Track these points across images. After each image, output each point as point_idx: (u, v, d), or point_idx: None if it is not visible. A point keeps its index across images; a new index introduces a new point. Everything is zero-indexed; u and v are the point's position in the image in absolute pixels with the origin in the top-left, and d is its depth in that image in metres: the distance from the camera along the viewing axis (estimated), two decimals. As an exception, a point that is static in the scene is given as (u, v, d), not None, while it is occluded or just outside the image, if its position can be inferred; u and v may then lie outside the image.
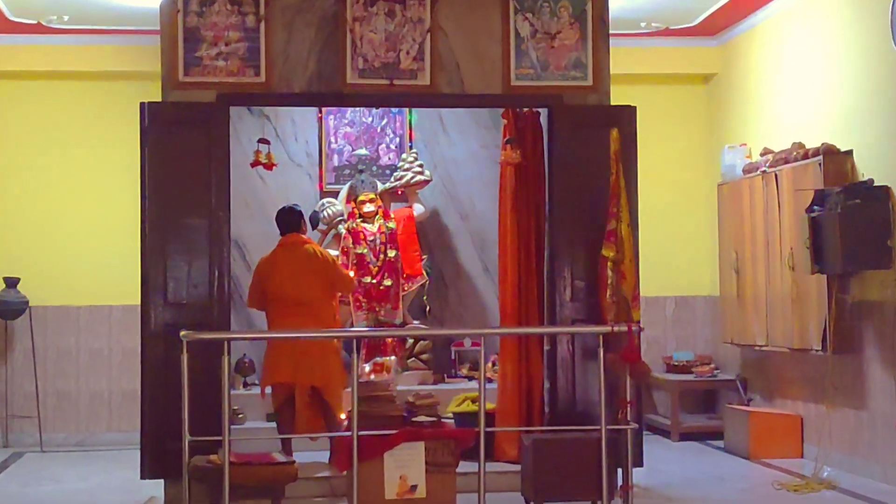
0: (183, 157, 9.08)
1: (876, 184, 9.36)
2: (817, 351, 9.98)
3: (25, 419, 12.11)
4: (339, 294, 10.20)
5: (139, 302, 9.15)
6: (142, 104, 9.22)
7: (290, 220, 9.78)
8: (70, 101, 12.43)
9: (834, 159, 9.89)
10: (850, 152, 9.88)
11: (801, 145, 10.45)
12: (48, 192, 12.36)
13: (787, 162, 10.52)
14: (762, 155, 11.21)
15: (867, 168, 9.64)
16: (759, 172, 11.04)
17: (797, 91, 11.00)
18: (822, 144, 10.06)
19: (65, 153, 12.40)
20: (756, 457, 10.78)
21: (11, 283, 11.88)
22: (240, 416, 10.74)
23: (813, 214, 9.64)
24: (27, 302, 11.94)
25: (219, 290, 9.12)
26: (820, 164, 9.90)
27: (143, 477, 9.06)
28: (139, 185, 9.17)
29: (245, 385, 11.40)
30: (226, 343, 8.11)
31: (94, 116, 12.36)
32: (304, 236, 9.79)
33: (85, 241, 12.32)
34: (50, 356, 12.26)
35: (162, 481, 9.02)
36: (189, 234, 9.11)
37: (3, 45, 11.96)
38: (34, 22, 11.48)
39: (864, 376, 9.72)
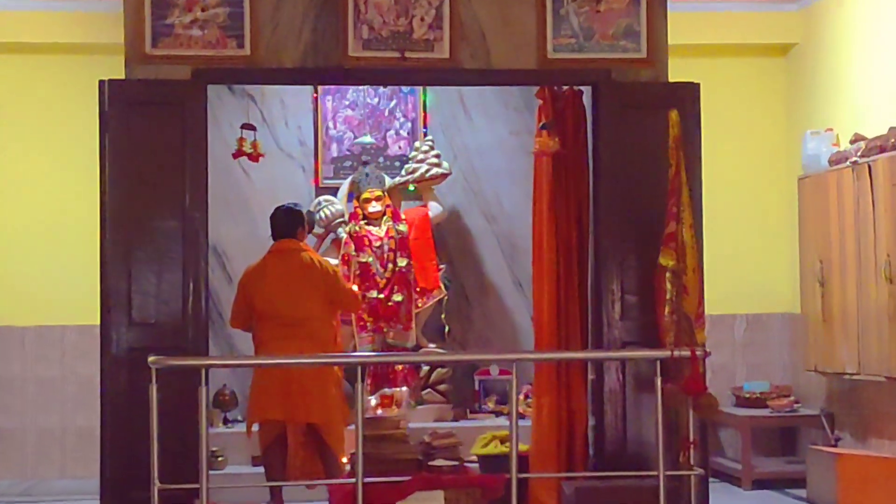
0: (151, 145, 9.12)
1: None
2: (921, 380, 9.97)
3: (-39, 462, 12.16)
4: (341, 312, 10.21)
5: (98, 322, 9.19)
6: (101, 82, 9.25)
7: (287, 222, 9.75)
8: (17, 78, 12.41)
9: (942, 148, 9.90)
10: (961, 139, 9.88)
11: (899, 130, 10.44)
12: (-11, 189, 12.41)
13: (883, 150, 10.49)
14: (852, 142, 11.18)
15: (981, 158, 9.64)
16: (848, 163, 11.00)
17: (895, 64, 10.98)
18: (927, 129, 10.06)
19: (10, 140, 12.37)
20: (846, 509, 10.76)
21: (-55, 299, 11.94)
22: (220, 459, 10.75)
23: (915, 214, 9.64)
24: (-36, 322, 12.00)
25: (194, 306, 9.14)
26: (924, 154, 9.91)
27: (103, 532, 9.09)
28: (98, 179, 9.20)
29: (226, 422, 11.42)
30: (203, 371, 8.14)
31: (44, 97, 12.35)
32: (301, 243, 9.77)
33: (33, 246, 12.28)
34: (-9, 386, 12.29)
35: (125, 538, 9.05)
36: (159, 240, 9.14)
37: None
38: (-25, -16, 11.54)
39: (978, 411, 9.71)
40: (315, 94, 12.28)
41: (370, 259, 11.57)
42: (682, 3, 10.90)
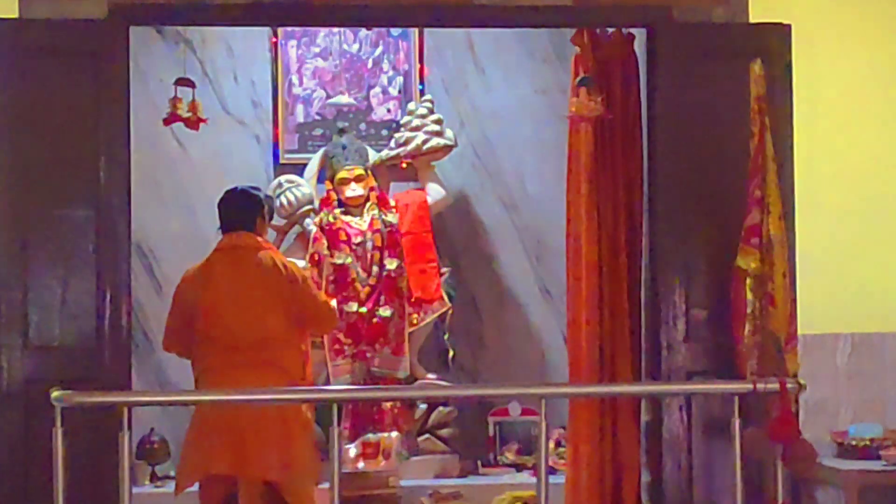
0: (54, 107, 9.14)
1: None
2: None
3: None
4: (312, 332, 10.20)
5: (-14, 343, 9.20)
6: (-10, 23, 9.28)
7: (242, 210, 9.64)
8: None
9: None
10: None
11: None
12: None
13: None
14: None
15: None
16: None
17: None
18: None
19: None
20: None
21: None
22: (146, 528, 10.78)
23: None
24: None
25: (112, 323, 9.17)
26: None
27: None
28: (-16, 154, 9.23)
29: (154, 479, 11.41)
30: (125, 410, 8.15)
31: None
32: (259, 238, 9.73)
33: None
34: None
35: None
36: (64, 234, 9.15)
37: None
38: None
39: None
40: (274, 39, 12.25)
41: (348, 260, 11.55)
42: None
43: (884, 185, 12.89)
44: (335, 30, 12.08)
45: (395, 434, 11.22)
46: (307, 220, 11.74)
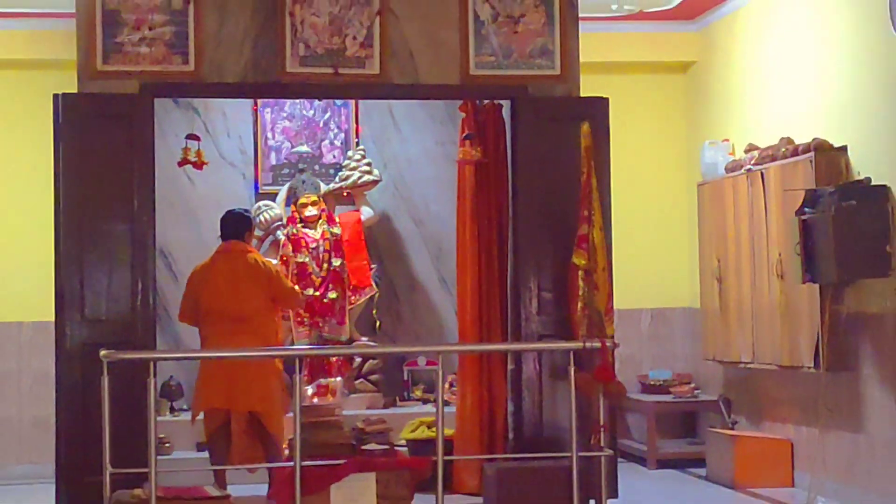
0: (102, 154, 9.04)
1: (873, 183, 9.39)
2: (809, 369, 9.99)
3: (-77, 451, 12.03)
4: (282, 309, 10.15)
5: (53, 318, 9.10)
6: (55, 96, 9.17)
7: (236, 225, 9.65)
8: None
9: (826, 156, 9.91)
10: (843, 148, 9.91)
11: (789, 141, 10.47)
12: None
13: (774, 159, 10.54)
14: (746, 151, 11.24)
15: (863, 166, 9.67)
16: (743, 171, 11.05)
17: (785, 81, 11.03)
18: (814, 140, 10.08)
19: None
20: (742, 486, 10.79)
21: None
22: (167, 445, 10.64)
23: (803, 217, 9.65)
24: (-76, 318, 11.89)
25: (143, 303, 9.07)
26: (811, 162, 9.92)
27: (58, 513, 8.99)
28: (52, 186, 9.11)
29: (173, 411, 11.31)
30: (151, 364, 8.06)
31: (1, 110, 12.22)
32: (247, 245, 9.70)
33: (-9, 250, 12.20)
34: (-48, 379, 12.14)
35: (79, 519, 8.95)
36: (109, 241, 9.06)
37: None
38: (-70, 2, 11.40)
39: (860, 396, 9.74)
40: (255, 107, 12.18)
41: (307, 259, 11.50)
42: (592, 24, 10.91)
43: (665, 205, 12.99)
44: (297, 100, 12.01)
45: (339, 379, 11.16)
46: (278, 232, 11.68)
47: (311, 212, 11.59)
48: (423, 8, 9.41)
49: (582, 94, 9.56)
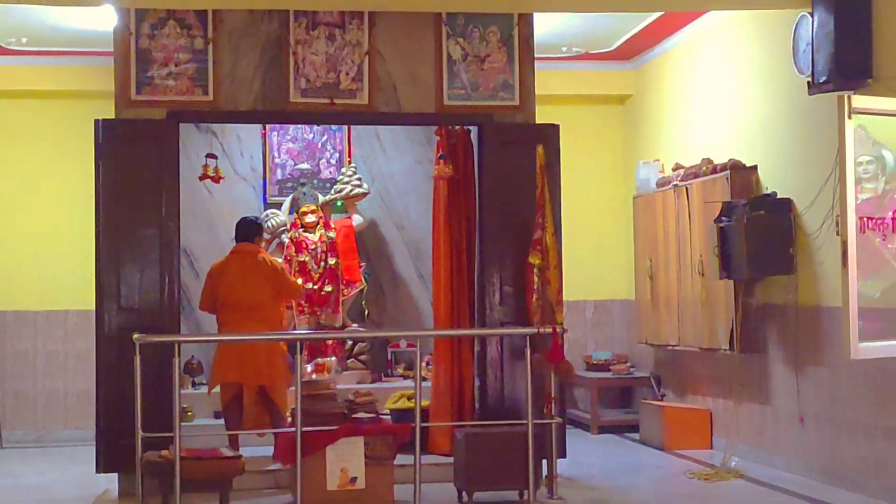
0: (135, 170, 8.99)
1: (779, 196, 9.43)
2: (725, 351, 10.02)
3: (-15, 418, 11.99)
4: (287, 300, 10.12)
5: (94, 307, 9.05)
6: (96, 121, 9.12)
7: (249, 230, 9.69)
8: (28, 118, 12.26)
9: (740, 174, 9.96)
10: (754, 167, 9.95)
11: (709, 161, 10.51)
12: (6, 203, 12.18)
13: (696, 176, 10.58)
14: (674, 170, 11.27)
15: (771, 182, 9.71)
16: (671, 186, 11.09)
17: (706, 110, 11.07)
18: (729, 160, 10.12)
19: (23, 167, 12.23)
20: (669, 448, 10.82)
21: (-30, 289, 11.77)
22: (189, 413, 10.58)
23: (721, 225, 9.68)
24: (-14, 307, 11.83)
25: (169, 295, 9.03)
26: (727, 179, 9.96)
27: (98, 471, 8.95)
28: (94, 197, 9.07)
29: (194, 384, 11.24)
30: (176, 345, 8.09)
31: (51, 133, 12.20)
32: (257, 246, 9.70)
33: (43, 249, 12.14)
34: (8, 358, 12.08)
35: (116, 475, 8.92)
36: (141, 243, 9.01)
37: (-36, 65, 11.88)
38: (-6, 44, 11.38)
39: (767, 374, 9.78)
40: (264, 131, 12.09)
41: (307, 258, 11.44)
42: (545, 63, 10.91)
43: (606, 214, 12.99)
44: (299, 125, 11.96)
45: (333, 358, 11.10)
46: (283, 236, 11.60)
47: (310, 219, 11.53)
48: (405, 49, 9.40)
49: (537, 121, 9.53)
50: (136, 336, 8.04)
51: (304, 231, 11.54)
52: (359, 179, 11.82)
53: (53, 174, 12.18)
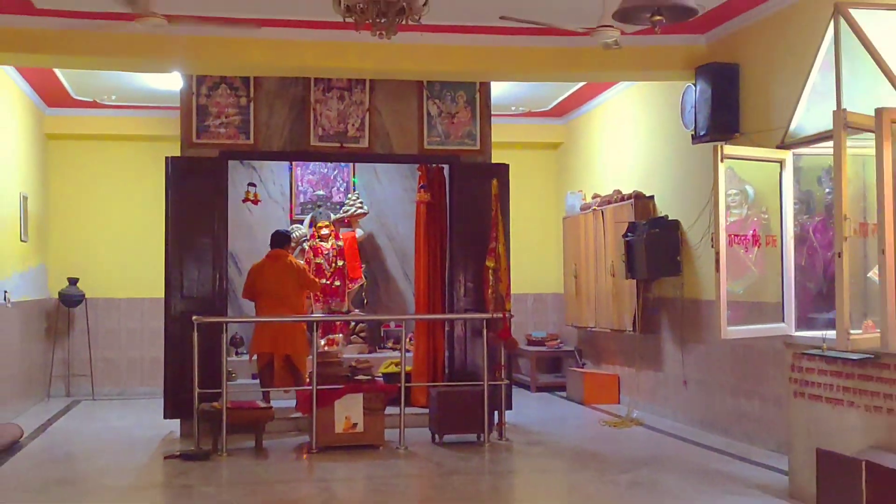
0: (195, 195, 8.95)
1: (670, 218, 9.49)
2: (629, 331, 10.07)
3: (82, 377, 11.90)
4: (308, 292, 10.09)
5: (163, 296, 9.01)
6: (167, 158, 9.09)
7: (281, 240, 9.65)
8: (118, 155, 12.23)
9: (641, 201, 10.01)
10: (652, 197, 10.00)
11: (619, 191, 10.55)
12: (100, 219, 12.17)
13: (609, 203, 10.62)
14: (593, 198, 11.30)
15: (664, 207, 9.76)
16: (591, 210, 11.12)
17: (617, 154, 11.11)
18: (634, 191, 10.17)
19: (112, 192, 12.21)
20: (588, 403, 10.84)
21: (73, 281, 11.74)
22: (233, 375, 10.51)
23: (627, 239, 9.73)
24: (84, 295, 11.75)
25: (219, 287, 8.99)
26: (632, 205, 10.00)
27: (165, 417, 8.91)
28: (164, 214, 9.03)
29: (237, 353, 11.16)
30: (224, 325, 8.07)
31: (133, 166, 12.16)
32: (287, 252, 9.65)
33: (126, 254, 12.10)
34: (100, 333, 12.03)
35: (178, 421, 8.87)
36: (198, 249, 8.96)
37: (70, 115, 11.86)
38: (91, 99, 11.37)
39: (660, 349, 9.82)
40: (291, 166, 12.05)
41: (322, 261, 11.40)
42: (499, 118, 10.92)
43: (543, 230, 13.00)
44: (317, 163, 11.89)
45: (341, 335, 11.08)
46: (304, 244, 11.56)
47: (324, 232, 11.49)
48: (396, 107, 9.38)
49: (493, 161, 9.54)
50: (194, 318, 8.02)
51: (320, 241, 11.51)
52: (361, 203, 11.80)
53: (135, 197, 12.12)
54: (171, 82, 9.97)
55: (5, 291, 9.71)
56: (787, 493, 6.26)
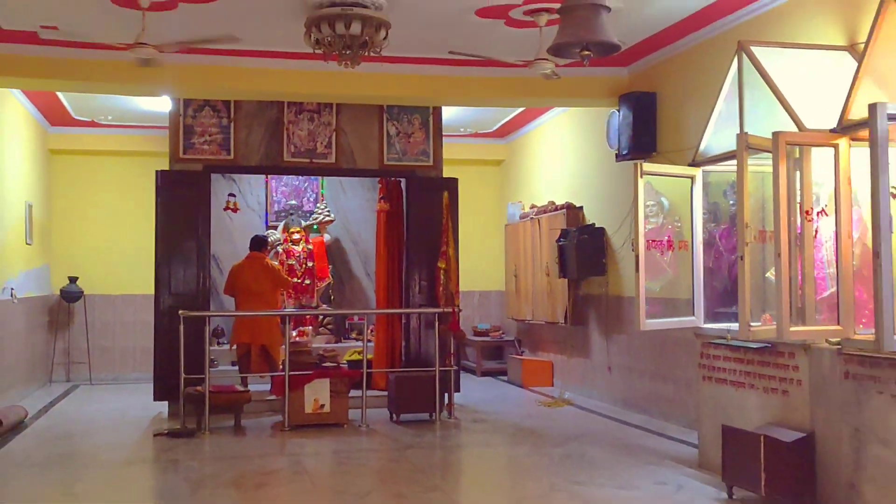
0: (181, 204, 8.83)
1: (596, 226, 9.55)
2: (562, 324, 10.12)
3: (81, 364, 11.71)
4: (281, 289, 9.99)
5: (153, 292, 8.88)
6: (157, 171, 8.96)
7: (259, 243, 9.54)
8: (112, 169, 12.04)
9: (573, 211, 10.06)
10: (581, 207, 10.07)
11: (553, 202, 10.61)
12: (97, 225, 11.98)
13: (545, 212, 10.67)
14: (531, 208, 11.35)
15: (591, 216, 9.83)
16: (529, 218, 11.16)
17: (552, 170, 11.17)
18: (566, 202, 10.22)
19: (107, 203, 12.03)
20: (526, 386, 10.88)
21: (73, 280, 11.60)
22: (215, 362, 10.38)
23: (560, 243, 9.78)
24: (83, 292, 11.61)
25: (202, 285, 8.87)
26: (564, 214, 10.06)
27: (154, 400, 8.77)
28: (153, 220, 8.89)
29: (218, 343, 11.03)
30: (207, 318, 7.94)
31: (127, 179, 11.98)
32: (263, 254, 9.55)
33: (120, 255, 11.92)
34: (97, 326, 11.84)
35: (166, 403, 8.75)
36: (184, 251, 8.84)
37: (71, 133, 11.69)
38: (90, 119, 11.22)
39: (588, 339, 9.88)
40: (267, 179, 11.95)
41: (294, 262, 11.30)
42: (450, 138, 10.96)
43: (488, 236, 12.97)
44: (289, 176, 11.79)
45: (310, 327, 11.00)
46: (278, 247, 11.46)
47: (296, 236, 11.40)
48: (359, 128, 9.32)
49: (444, 176, 9.53)
50: (180, 312, 7.92)
51: (292, 244, 11.41)
52: (328, 211, 11.72)
53: (128, 206, 11.95)
54: (161, 105, 9.85)
55: (12, 289, 9.54)
56: (697, 463, 6.34)
